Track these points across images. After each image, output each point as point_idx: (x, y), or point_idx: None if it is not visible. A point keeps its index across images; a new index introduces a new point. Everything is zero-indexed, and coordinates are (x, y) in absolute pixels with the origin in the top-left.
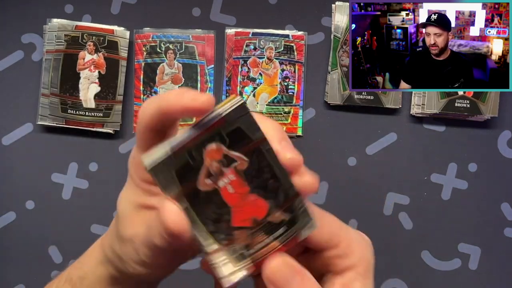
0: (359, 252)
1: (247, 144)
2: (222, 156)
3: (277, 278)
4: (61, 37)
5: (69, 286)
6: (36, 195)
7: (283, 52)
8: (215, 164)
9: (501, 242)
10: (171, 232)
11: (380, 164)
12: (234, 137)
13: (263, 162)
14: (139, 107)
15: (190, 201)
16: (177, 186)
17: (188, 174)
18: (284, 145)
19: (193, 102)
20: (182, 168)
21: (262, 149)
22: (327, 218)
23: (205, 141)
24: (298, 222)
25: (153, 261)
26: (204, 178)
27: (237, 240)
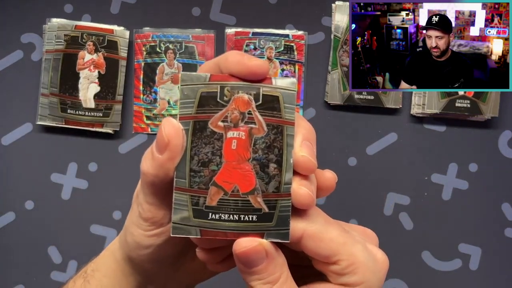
0: (362, 275)
1: (275, 116)
2: (247, 110)
3: (244, 258)
4: (61, 37)
5: (82, 278)
6: (35, 195)
7: (283, 52)
8: (236, 113)
9: (501, 242)
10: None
11: (380, 164)
12: (269, 102)
13: (277, 142)
14: (139, 107)
15: (193, 128)
16: (192, 107)
17: (208, 105)
18: (306, 145)
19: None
20: (207, 96)
21: (284, 130)
22: (330, 231)
23: (242, 87)
24: (272, 222)
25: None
26: (219, 119)
27: (206, 195)
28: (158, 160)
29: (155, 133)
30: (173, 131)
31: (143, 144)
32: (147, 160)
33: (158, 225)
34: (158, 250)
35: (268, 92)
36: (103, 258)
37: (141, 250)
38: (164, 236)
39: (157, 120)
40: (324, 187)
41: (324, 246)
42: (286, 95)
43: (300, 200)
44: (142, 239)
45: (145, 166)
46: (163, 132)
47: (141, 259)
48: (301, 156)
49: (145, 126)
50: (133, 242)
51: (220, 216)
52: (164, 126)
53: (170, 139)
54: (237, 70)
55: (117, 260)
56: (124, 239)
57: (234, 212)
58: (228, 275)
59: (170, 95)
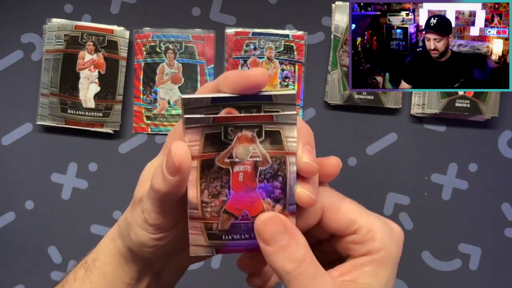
0: (380, 241)
1: (278, 149)
2: (251, 146)
3: (265, 230)
4: (61, 37)
5: (83, 269)
6: (35, 195)
7: (283, 52)
8: (240, 150)
9: (501, 242)
10: (174, 162)
11: (380, 164)
12: (271, 137)
13: (281, 171)
14: (139, 107)
15: (201, 166)
16: (198, 147)
17: (214, 144)
18: (307, 149)
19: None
20: (212, 136)
21: (287, 160)
22: (346, 204)
23: (245, 126)
24: None
25: (154, 220)
26: (225, 157)
27: (219, 222)
28: (170, 181)
29: (155, 133)
30: (183, 154)
31: (143, 144)
32: (159, 179)
33: (164, 230)
34: (162, 248)
35: (270, 129)
36: (103, 246)
37: (145, 248)
38: (168, 238)
39: (157, 120)
40: (328, 173)
41: (342, 217)
42: (287, 129)
43: (302, 202)
44: (147, 240)
45: (157, 184)
46: (173, 157)
47: (144, 254)
48: (304, 163)
49: (145, 126)
50: (137, 241)
51: (232, 236)
52: (174, 151)
53: (181, 163)
54: (238, 83)
55: (118, 248)
56: (126, 233)
57: (245, 232)
58: (227, 274)
59: (170, 95)
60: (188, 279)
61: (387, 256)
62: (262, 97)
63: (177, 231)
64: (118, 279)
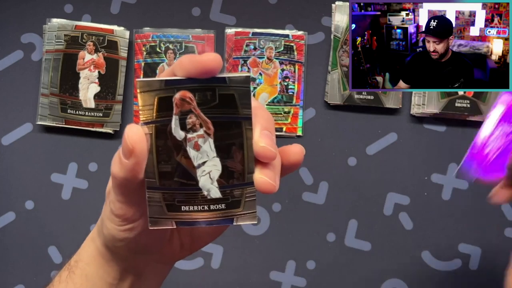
0: None
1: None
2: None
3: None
4: (61, 37)
5: (67, 270)
6: (35, 195)
7: (283, 52)
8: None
9: (501, 242)
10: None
11: (380, 164)
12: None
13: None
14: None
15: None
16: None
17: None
18: (264, 135)
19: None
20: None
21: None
22: None
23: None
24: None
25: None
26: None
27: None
28: (126, 165)
29: None
30: (136, 137)
31: None
32: (116, 164)
33: (130, 221)
34: (132, 242)
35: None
36: (85, 247)
37: (116, 242)
38: (136, 230)
39: None
40: (291, 161)
41: None
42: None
43: (261, 188)
44: (116, 233)
45: (114, 169)
46: (126, 140)
47: (117, 249)
48: (260, 147)
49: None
50: (108, 235)
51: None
52: (128, 133)
53: (134, 145)
54: (192, 67)
55: (98, 247)
56: (101, 230)
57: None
58: (227, 275)
59: None
60: (188, 279)
61: None
62: (217, 79)
63: (144, 223)
64: (100, 280)
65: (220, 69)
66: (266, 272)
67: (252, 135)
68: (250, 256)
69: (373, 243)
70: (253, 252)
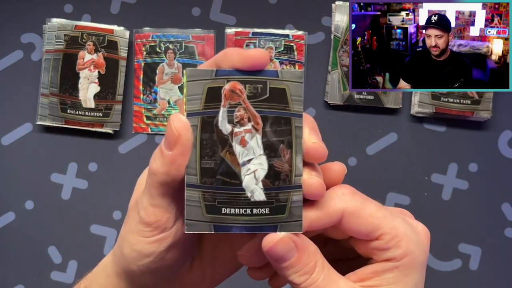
0: (406, 247)
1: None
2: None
3: (274, 252)
4: (61, 36)
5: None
6: (35, 195)
7: (283, 52)
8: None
9: (501, 242)
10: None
11: (380, 164)
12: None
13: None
14: (139, 107)
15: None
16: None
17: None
18: (314, 133)
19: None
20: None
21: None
22: (369, 208)
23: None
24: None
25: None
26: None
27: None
28: (169, 157)
29: (155, 133)
30: (182, 125)
31: (143, 144)
32: (156, 159)
33: (161, 229)
34: (159, 259)
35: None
36: (95, 275)
37: (141, 260)
38: (166, 242)
39: (157, 120)
40: (331, 180)
41: (364, 222)
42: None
43: (311, 190)
44: (143, 246)
45: (155, 165)
46: (172, 127)
47: (141, 270)
48: (312, 143)
49: (145, 126)
50: (131, 252)
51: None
52: (173, 121)
53: (180, 133)
54: (238, 61)
55: (109, 276)
56: (119, 253)
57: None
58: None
59: (170, 95)
60: None
61: (412, 262)
62: (268, 72)
63: (175, 232)
64: None
65: (268, 64)
66: None
67: (301, 133)
68: None
69: None
70: None
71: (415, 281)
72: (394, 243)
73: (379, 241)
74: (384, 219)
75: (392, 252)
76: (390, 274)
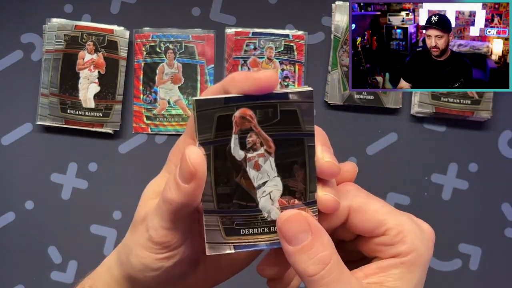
0: (411, 243)
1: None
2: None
3: (288, 228)
4: (61, 36)
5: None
6: (35, 195)
7: (283, 52)
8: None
9: (502, 242)
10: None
11: (380, 164)
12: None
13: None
14: (139, 107)
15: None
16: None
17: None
18: (327, 150)
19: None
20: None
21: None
22: (374, 204)
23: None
24: None
25: (162, 237)
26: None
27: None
28: (185, 190)
29: (155, 133)
30: (198, 159)
31: (143, 144)
32: (172, 190)
33: (171, 248)
34: (165, 272)
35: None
36: (100, 275)
37: (148, 273)
38: (175, 258)
39: (157, 120)
40: (343, 180)
41: (370, 218)
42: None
43: (326, 206)
44: (152, 261)
45: (171, 195)
46: (188, 162)
47: (147, 279)
48: (326, 162)
49: (145, 126)
50: (139, 264)
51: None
52: (189, 155)
53: (197, 168)
54: (247, 86)
55: (114, 277)
56: (125, 259)
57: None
58: None
59: (170, 95)
60: None
61: (417, 259)
62: (278, 95)
63: (184, 249)
64: None
65: (277, 85)
66: None
67: (314, 152)
68: None
69: None
70: None
71: (418, 279)
72: (399, 238)
73: (384, 236)
74: (389, 215)
75: (398, 247)
76: (395, 270)
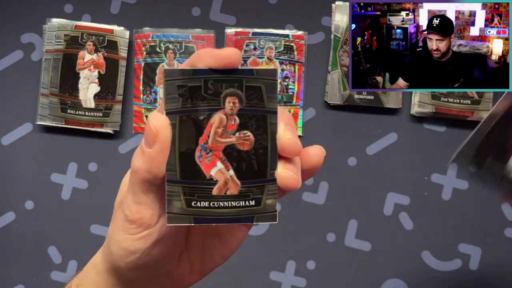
0: None
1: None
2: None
3: None
4: (61, 36)
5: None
6: (35, 195)
7: (283, 52)
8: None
9: (501, 242)
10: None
11: (380, 164)
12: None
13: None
14: (139, 107)
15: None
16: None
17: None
18: (289, 129)
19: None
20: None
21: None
22: None
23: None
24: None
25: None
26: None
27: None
28: (149, 155)
29: None
30: (160, 123)
31: None
32: (138, 157)
33: (145, 226)
34: (145, 255)
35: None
36: (87, 273)
37: (128, 257)
38: (151, 238)
39: None
40: (311, 164)
41: None
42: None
43: (285, 183)
44: (130, 244)
45: (136, 163)
46: (151, 125)
47: (128, 266)
48: (287, 139)
49: (145, 126)
50: (119, 249)
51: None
52: (151, 120)
53: (159, 130)
54: (212, 61)
55: (100, 273)
56: (107, 250)
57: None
58: (227, 274)
59: None
60: None
61: None
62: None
63: (160, 228)
64: None
65: (240, 63)
66: (266, 272)
67: (276, 130)
68: (250, 256)
69: (373, 243)
70: (253, 252)
71: None
72: None
73: None
74: None
75: None
76: None
